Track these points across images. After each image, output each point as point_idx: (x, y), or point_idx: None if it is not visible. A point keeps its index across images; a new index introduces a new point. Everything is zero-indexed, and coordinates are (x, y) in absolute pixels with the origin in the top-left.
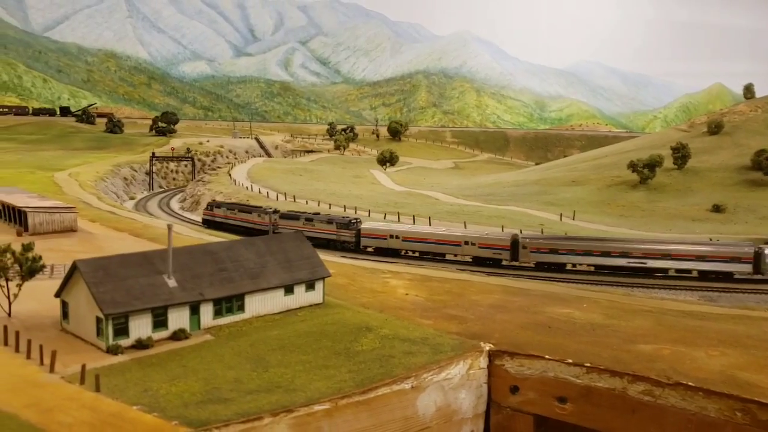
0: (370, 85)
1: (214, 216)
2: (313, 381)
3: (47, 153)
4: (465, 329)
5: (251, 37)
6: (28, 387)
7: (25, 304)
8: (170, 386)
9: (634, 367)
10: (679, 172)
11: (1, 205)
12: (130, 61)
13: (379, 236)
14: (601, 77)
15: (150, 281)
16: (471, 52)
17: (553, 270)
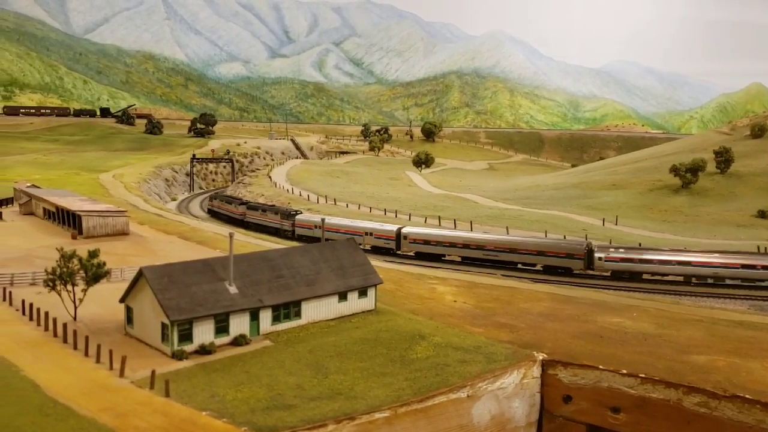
0: (403, 86)
1: (212, 206)
2: (372, 388)
3: (90, 154)
4: (516, 338)
5: (286, 38)
6: (102, 391)
7: (86, 308)
8: (236, 392)
9: (688, 378)
10: (721, 177)
11: (55, 208)
12: (167, 63)
13: (307, 227)
14: (637, 77)
15: (212, 288)
16: (504, 51)
17: (431, 259)
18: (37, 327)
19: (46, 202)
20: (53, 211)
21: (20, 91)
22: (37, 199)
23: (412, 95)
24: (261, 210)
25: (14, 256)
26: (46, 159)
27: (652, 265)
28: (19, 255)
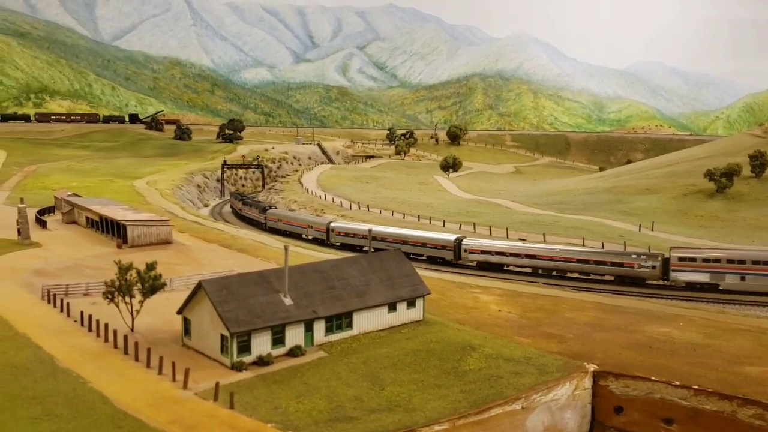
0: (426, 89)
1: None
2: (429, 400)
3: (122, 160)
4: (566, 349)
5: (310, 43)
6: (168, 403)
7: (141, 319)
8: (298, 404)
9: (743, 390)
10: (756, 181)
11: (99, 217)
12: (194, 69)
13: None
14: (662, 77)
15: (269, 300)
16: (528, 53)
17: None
18: (96, 338)
19: (90, 211)
20: (96, 220)
21: (50, 97)
22: (79, 208)
23: (436, 98)
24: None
25: (64, 265)
26: (80, 166)
27: (505, 257)
28: (68, 265)
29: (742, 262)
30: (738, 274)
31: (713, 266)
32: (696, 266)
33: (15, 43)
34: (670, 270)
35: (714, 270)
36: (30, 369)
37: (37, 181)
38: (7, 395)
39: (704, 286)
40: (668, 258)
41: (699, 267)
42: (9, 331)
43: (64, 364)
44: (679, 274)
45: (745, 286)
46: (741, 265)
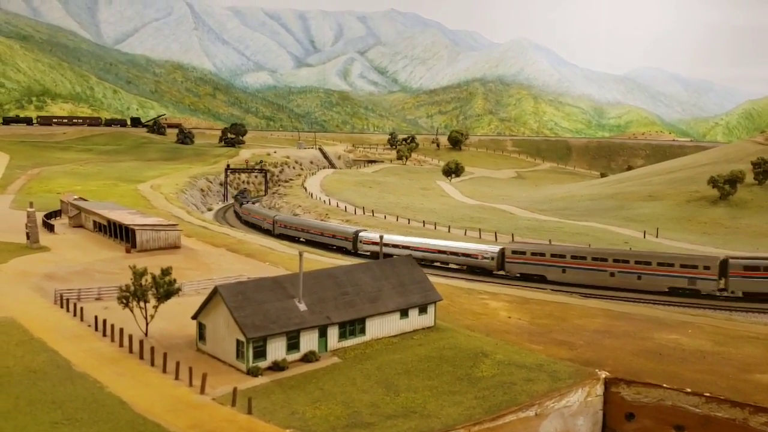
0: (427, 93)
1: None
2: (444, 407)
3: (125, 164)
4: (577, 355)
5: (312, 48)
6: (186, 408)
7: (154, 323)
8: (314, 409)
9: (754, 397)
10: (760, 188)
11: (107, 221)
12: (195, 72)
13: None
14: (662, 83)
15: (283, 305)
16: (529, 59)
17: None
18: (111, 343)
19: (97, 216)
20: (104, 225)
21: (52, 101)
22: (86, 212)
23: (436, 103)
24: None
25: (74, 269)
26: (83, 169)
27: (387, 247)
28: (79, 269)
29: (563, 257)
30: (560, 267)
31: (539, 260)
32: (525, 259)
33: (17, 46)
34: (505, 262)
35: (540, 263)
36: (48, 374)
37: (42, 185)
38: (27, 400)
39: (533, 277)
40: (504, 251)
41: (528, 260)
42: (25, 336)
43: (80, 368)
44: (512, 266)
45: (566, 278)
46: (562, 259)
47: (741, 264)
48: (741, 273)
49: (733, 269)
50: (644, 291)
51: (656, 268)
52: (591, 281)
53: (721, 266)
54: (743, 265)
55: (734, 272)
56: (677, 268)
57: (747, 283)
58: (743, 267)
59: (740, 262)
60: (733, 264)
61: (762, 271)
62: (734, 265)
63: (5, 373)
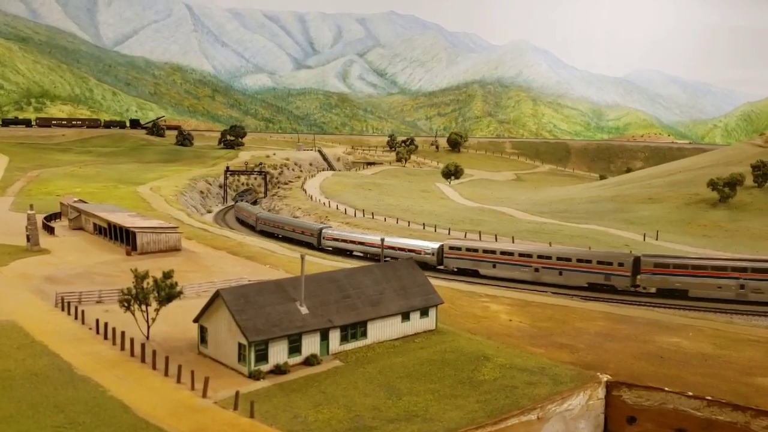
0: (426, 96)
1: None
2: (446, 410)
3: (124, 166)
4: (578, 359)
5: (311, 49)
6: (189, 412)
7: (155, 327)
8: (317, 413)
9: (756, 401)
10: (759, 191)
11: (107, 223)
12: (195, 74)
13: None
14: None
15: (285, 308)
16: (527, 61)
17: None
18: (112, 346)
19: (97, 218)
20: (104, 227)
21: (51, 102)
22: (87, 215)
23: (435, 105)
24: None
25: (74, 272)
26: (83, 171)
27: (346, 243)
28: (79, 271)
29: (493, 253)
30: (490, 262)
31: (473, 255)
32: (461, 255)
33: (16, 47)
34: (444, 258)
35: (473, 258)
36: (49, 377)
37: (41, 187)
38: (29, 403)
39: (468, 271)
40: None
41: (463, 256)
42: (26, 339)
43: (82, 372)
44: (449, 261)
45: (496, 273)
46: (492, 255)
47: (651, 261)
48: (651, 270)
49: (644, 266)
50: (565, 286)
51: (576, 264)
52: (518, 276)
53: (634, 263)
54: (654, 262)
55: (645, 269)
56: (594, 264)
57: (657, 280)
58: (654, 264)
59: (651, 259)
60: (645, 261)
61: (671, 269)
62: (645, 263)
63: (7, 376)
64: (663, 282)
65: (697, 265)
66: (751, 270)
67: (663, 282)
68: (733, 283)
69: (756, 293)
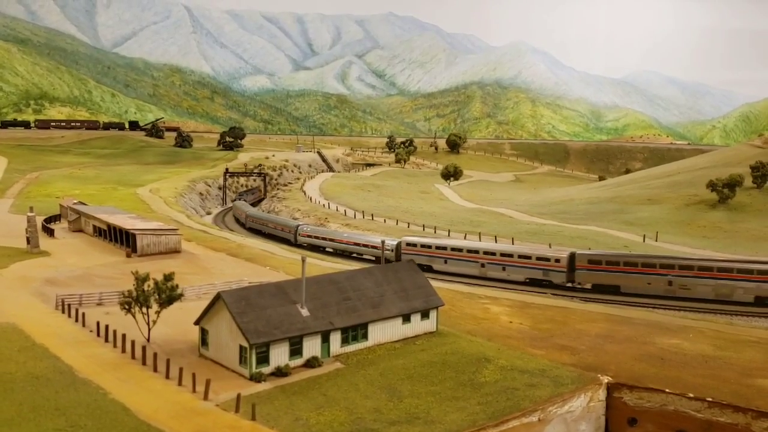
0: (425, 97)
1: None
2: (448, 412)
3: (123, 168)
4: (579, 360)
5: (310, 51)
6: (190, 414)
7: (156, 329)
8: (318, 415)
9: (756, 402)
10: (758, 192)
11: (107, 226)
12: (193, 76)
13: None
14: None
15: (286, 311)
16: (526, 62)
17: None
18: (113, 348)
19: (97, 220)
20: (104, 229)
21: (50, 104)
22: (86, 217)
23: (434, 106)
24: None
25: (74, 274)
26: (82, 173)
27: (318, 239)
28: (79, 274)
29: (444, 249)
30: (442, 258)
31: (427, 251)
32: (417, 251)
33: (15, 49)
34: (401, 254)
35: (427, 254)
36: (50, 380)
37: (40, 189)
38: (30, 406)
39: (424, 267)
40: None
41: (419, 252)
42: (27, 342)
43: (83, 374)
44: (406, 256)
45: (447, 268)
46: (444, 251)
47: (586, 258)
48: (586, 266)
49: (579, 262)
50: (508, 281)
51: (517, 260)
52: (467, 271)
53: (570, 260)
54: (588, 258)
55: (580, 265)
56: (534, 260)
57: (592, 276)
58: (588, 260)
59: (585, 255)
60: (579, 258)
61: (604, 265)
62: (580, 259)
63: (8, 379)
64: (597, 277)
65: (629, 261)
66: (678, 267)
67: (597, 277)
68: (661, 279)
69: (683, 289)
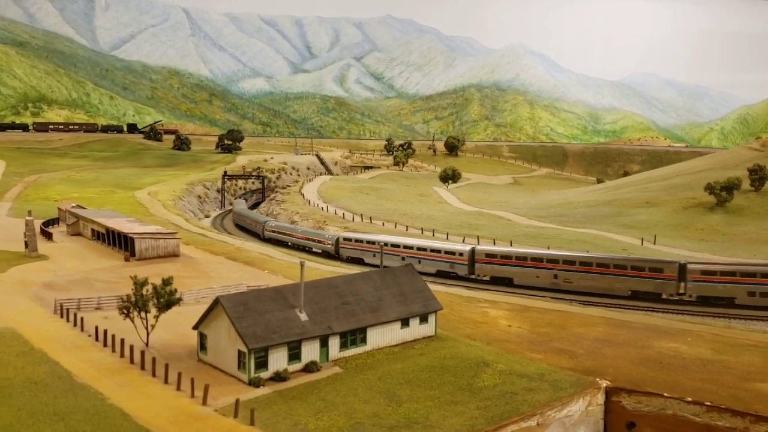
0: (423, 99)
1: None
2: (447, 417)
3: (121, 171)
4: (577, 364)
5: (308, 53)
6: (189, 420)
7: (154, 333)
8: (317, 420)
9: (755, 406)
10: (756, 195)
11: (105, 229)
12: (192, 79)
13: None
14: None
15: (285, 315)
16: (524, 64)
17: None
18: (112, 353)
19: (95, 224)
20: (102, 233)
21: (48, 107)
22: (85, 220)
23: (432, 108)
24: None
25: (73, 278)
26: (80, 176)
27: (281, 234)
28: (78, 278)
29: (373, 244)
30: (371, 252)
31: (359, 246)
32: (352, 245)
33: (13, 52)
34: (339, 247)
35: (360, 249)
36: (49, 385)
37: (39, 192)
38: (28, 412)
39: (356, 259)
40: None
41: (353, 246)
42: (25, 346)
43: (81, 379)
44: (343, 250)
45: (375, 261)
46: (372, 246)
47: (483, 252)
48: (484, 260)
49: (478, 257)
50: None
51: (429, 254)
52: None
53: (470, 254)
54: (485, 253)
55: (479, 259)
56: (442, 254)
57: (488, 269)
58: (485, 255)
59: (483, 250)
60: (478, 252)
61: (499, 259)
62: (479, 254)
63: (6, 384)
64: (493, 270)
65: (520, 255)
66: (562, 261)
67: (493, 270)
68: (548, 273)
69: (566, 282)
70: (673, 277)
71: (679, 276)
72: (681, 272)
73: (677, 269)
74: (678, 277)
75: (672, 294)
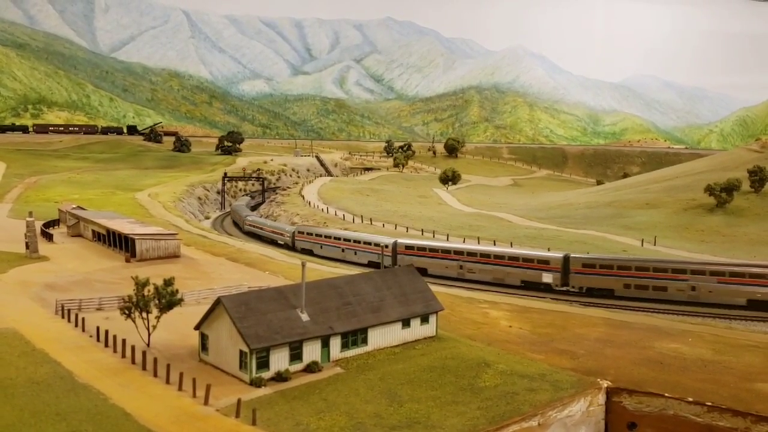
0: (423, 101)
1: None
2: (448, 417)
3: (122, 172)
4: (579, 365)
5: (308, 55)
6: (191, 420)
7: (156, 334)
8: (318, 420)
9: (756, 407)
10: (756, 196)
11: (106, 230)
12: (192, 80)
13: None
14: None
15: (286, 316)
16: (524, 66)
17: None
18: (113, 354)
19: (96, 225)
20: (103, 234)
21: (48, 109)
22: (85, 221)
23: (432, 110)
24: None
25: (74, 279)
26: (80, 178)
27: (257, 229)
28: (79, 279)
29: (321, 236)
30: (319, 244)
31: (311, 238)
32: (305, 238)
33: (13, 54)
34: (295, 240)
35: (311, 241)
36: (51, 385)
37: (39, 193)
38: (31, 412)
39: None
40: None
41: (305, 239)
42: (26, 347)
43: (83, 379)
44: (298, 243)
45: (322, 252)
46: (320, 238)
47: (404, 245)
48: (404, 252)
49: (399, 249)
50: (357, 263)
51: (363, 246)
52: (333, 254)
53: (393, 246)
54: (405, 245)
55: (400, 251)
56: (372, 246)
57: (407, 260)
58: (405, 247)
59: (403, 243)
60: (399, 245)
61: (416, 251)
62: (400, 246)
63: (8, 384)
64: (411, 261)
65: (432, 248)
66: (466, 254)
67: (411, 261)
68: (454, 264)
69: (470, 273)
70: (558, 269)
71: (564, 268)
72: (565, 265)
73: (562, 262)
74: (562, 270)
75: (557, 285)
